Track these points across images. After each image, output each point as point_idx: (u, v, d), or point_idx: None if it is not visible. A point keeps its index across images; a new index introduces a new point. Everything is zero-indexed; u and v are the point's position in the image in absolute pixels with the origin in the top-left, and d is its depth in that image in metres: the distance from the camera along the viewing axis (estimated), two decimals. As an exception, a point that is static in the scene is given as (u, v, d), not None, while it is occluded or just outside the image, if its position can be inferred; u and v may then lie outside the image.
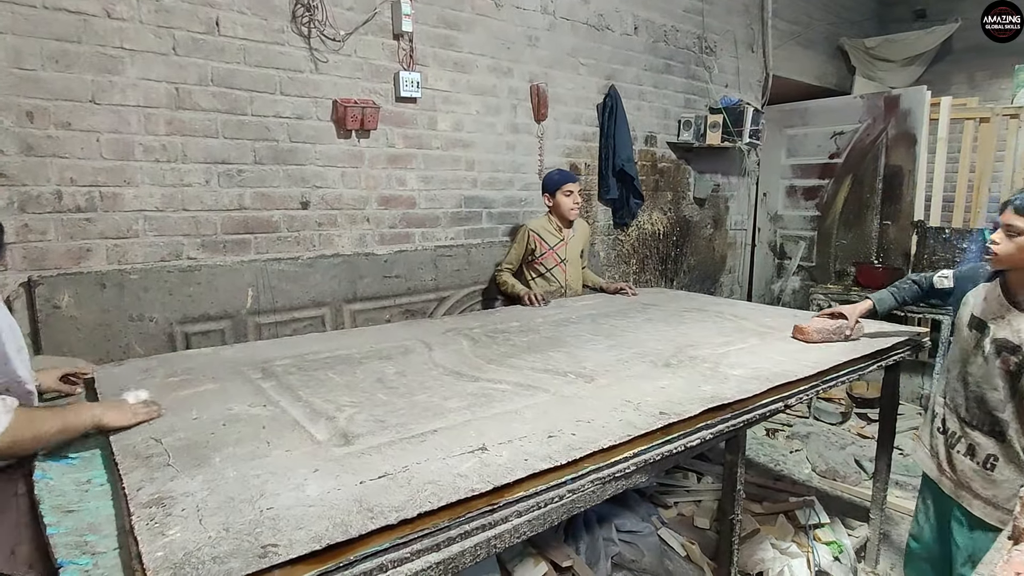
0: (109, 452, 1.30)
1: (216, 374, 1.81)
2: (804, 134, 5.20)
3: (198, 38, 2.45)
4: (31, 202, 2.17)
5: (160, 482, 1.14)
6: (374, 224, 3.05)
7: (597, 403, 1.56)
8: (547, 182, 3.17)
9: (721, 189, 5.07)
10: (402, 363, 1.93)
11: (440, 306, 3.28)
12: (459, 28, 3.23)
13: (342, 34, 2.81)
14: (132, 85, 2.32)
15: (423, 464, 1.21)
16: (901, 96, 4.55)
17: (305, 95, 2.75)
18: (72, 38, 2.19)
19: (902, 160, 4.53)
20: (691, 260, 4.89)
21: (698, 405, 1.53)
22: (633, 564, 1.97)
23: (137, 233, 2.40)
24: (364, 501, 1.06)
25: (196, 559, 0.90)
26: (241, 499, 1.07)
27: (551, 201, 3.14)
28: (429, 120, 3.18)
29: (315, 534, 0.95)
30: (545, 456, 1.24)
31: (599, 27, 3.92)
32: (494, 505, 1.11)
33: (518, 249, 3.14)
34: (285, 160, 2.73)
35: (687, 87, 4.61)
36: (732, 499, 1.74)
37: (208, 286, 2.53)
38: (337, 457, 1.24)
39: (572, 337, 2.27)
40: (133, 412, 1.43)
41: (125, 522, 1.03)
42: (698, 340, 2.22)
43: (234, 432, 1.37)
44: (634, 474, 1.36)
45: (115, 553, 0.98)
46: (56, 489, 1.17)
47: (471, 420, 1.45)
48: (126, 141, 2.34)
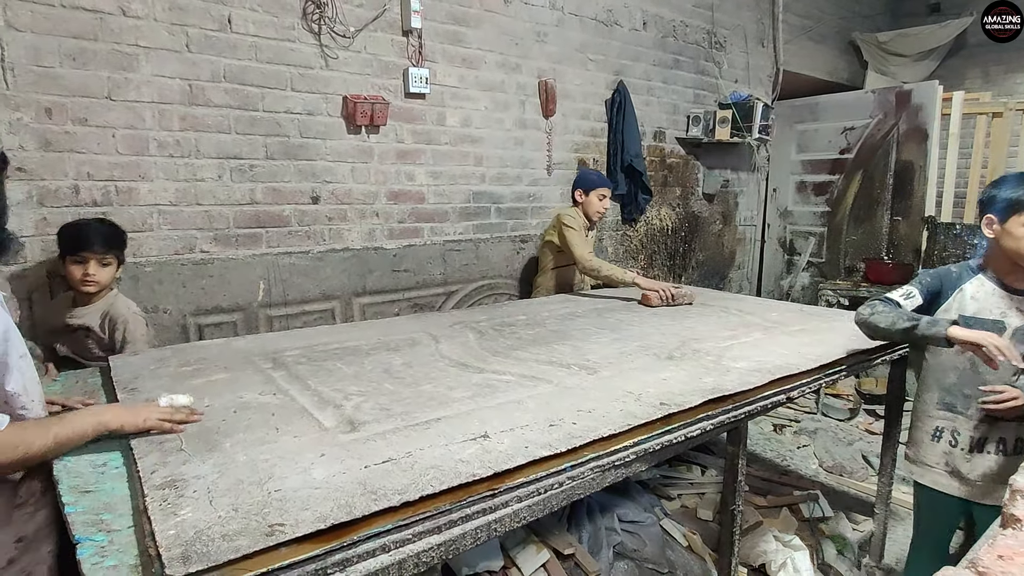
0: (124, 437, 1.34)
1: (228, 364, 1.85)
2: (814, 129, 5.18)
3: (211, 35, 2.49)
4: (49, 196, 2.23)
5: (173, 466, 1.18)
6: (383, 219, 3.09)
7: (599, 394, 1.58)
8: (585, 180, 3.22)
9: (730, 185, 5.06)
10: (409, 355, 1.97)
11: (448, 300, 3.31)
12: (467, 24, 3.26)
13: (352, 31, 2.85)
14: (147, 82, 2.37)
15: (426, 450, 1.24)
16: (913, 91, 4.52)
17: (315, 91, 2.79)
18: (89, 36, 2.24)
19: (913, 155, 4.50)
20: (700, 256, 4.89)
21: (699, 397, 1.55)
22: (635, 553, 1.99)
23: (151, 227, 2.45)
24: (368, 484, 1.09)
25: (206, 536, 0.93)
26: (250, 482, 1.11)
27: (583, 198, 3.18)
28: (438, 116, 3.21)
29: (320, 514, 0.99)
30: (545, 444, 1.27)
31: (607, 23, 3.93)
32: (495, 490, 1.14)
33: (580, 233, 3.09)
34: (296, 155, 2.77)
35: (696, 82, 4.60)
36: (733, 490, 1.76)
37: (221, 279, 2.58)
38: (343, 443, 1.28)
39: (577, 331, 2.30)
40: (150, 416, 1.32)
41: (139, 502, 1.07)
42: (703, 334, 2.24)
43: (244, 419, 1.41)
44: (633, 463, 1.38)
45: (129, 531, 1.02)
46: (73, 471, 1.21)
47: (475, 409, 1.48)
48: (141, 137, 2.39)
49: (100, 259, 2.04)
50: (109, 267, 2.07)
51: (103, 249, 2.04)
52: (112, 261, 2.08)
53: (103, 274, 2.05)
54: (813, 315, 2.64)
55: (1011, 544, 0.80)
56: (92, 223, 2.10)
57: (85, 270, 2.01)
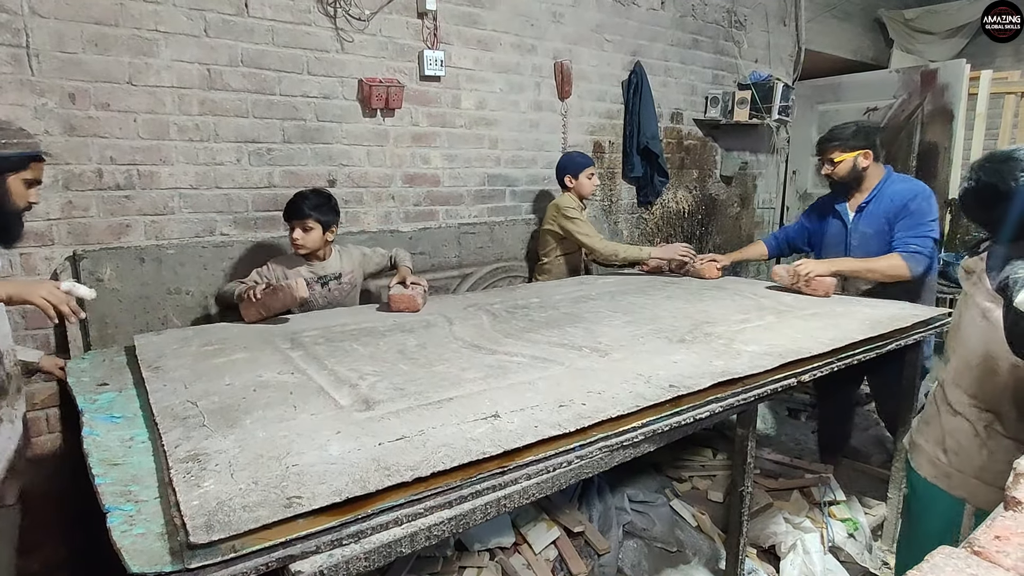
0: (150, 413, 1.40)
1: (248, 344, 1.91)
2: (836, 110, 5.07)
3: (228, 20, 2.52)
4: (74, 180, 2.29)
5: (196, 440, 1.23)
6: (399, 202, 3.12)
7: (609, 376, 1.60)
8: (569, 164, 3.19)
9: (749, 167, 5.00)
10: (423, 336, 2.00)
11: (463, 283, 3.34)
12: (483, 5, 3.24)
13: (367, 13, 2.85)
14: (167, 67, 2.41)
15: (438, 429, 1.27)
16: (939, 70, 4.40)
17: (331, 75, 2.81)
18: (110, 21, 2.28)
19: (938, 137, 4.40)
20: (716, 239, 4.85)
21: (708, 379, 1.56)
22: (644, 532, 2.03)
23: (173, 210, 2.51)
24: (382, 460, 1.13)
25: (228, 507, 0.98)
26: (269, 456, 1.16)
27: (573, 182, 3.16)
28: (453, 98, 3.22)
29: (336, 488, 1.03)
30: (555, 424, 1.30)
31: (625, 2, 3.88)
32: (504, 467, 1.17)
33: (585, 218, 3.15)
34: (312, 139, 2.80)
35: (715, 63, 4.53)
36: (743, 471, 1.78)
37: (240, 261, 2.64)
38: (358, 421, 1.32)
39: (590, 313, 2.32)
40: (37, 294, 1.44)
41: (164, 475, 1.12)
42: (716, 317, 2.24)
43: (264, 397, 1.46)
44: (642, 443, 1.40)
45: (156, 502, 1.07)
46: (102, 445, 1.27)
47: (486, 390, 1.51)
48: (161, 121, 2.43)
49: (302, 224, 2.35)
50: (313, 231, 2.37)
51: (303, 215, 2.35)
52: (314, 226, 2.36)
53: (308, 239, 2.37)
54: (827, 300, 2.63)
55: (1009, 525, 0.81)
56: (303, 193, 2.40)
57: (291, 235, 2.37)
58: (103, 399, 1.55)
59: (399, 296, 2.35)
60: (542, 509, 2.03)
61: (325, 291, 2.52)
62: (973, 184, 1.56)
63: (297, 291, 2.12)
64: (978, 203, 1.58)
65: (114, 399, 1.55)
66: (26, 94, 2.16)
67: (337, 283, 2.53)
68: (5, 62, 2.11)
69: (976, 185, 1.55)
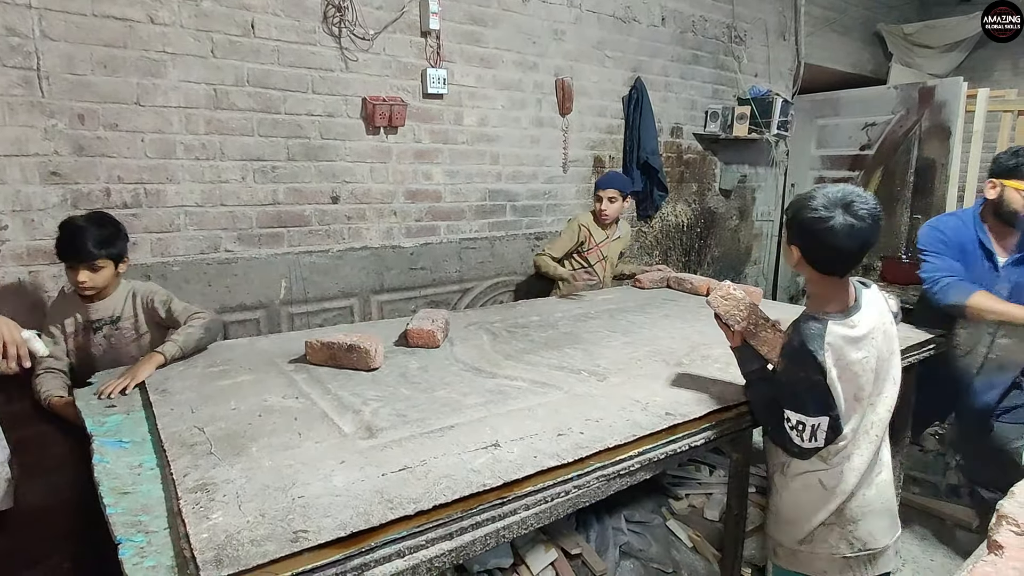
0: (158, 437, 1.43)
1: (252, 365, 1.94)
2: (835, 124, 5.12)
3: (235, 40, 2.56)
4: (83, 199, 2.32)
5: (204, 469, 1.26)
6: (401, 217, 3.16)
7: (607, 402, 1.64)
8: (598, 181, 3.21)
9: (748, 180, 5.04)
10: (425, 358, 2.03)
11: (464, 297, 3.38)
12: (485, 24, 3.28)
13: (371, 33, 2.89)
14: (174, 87, 2.44)
15: (440, 459, 1.31)
16: (936, 87, 4.45)
17: (335, 93, 2.85)
18: (119, 44, 2.31)
19: (935, 153, 4.44)
20: (715, 251, 4.89)
21: (704, 407, 1.60)
22: (641, 553, 2.06)
23: (178, 227, 2.54)
24: (385, 492, 1.16)
25: (236, 541, 1.01)
26: (275, 487, 1.19)
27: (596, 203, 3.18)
28: (455, 116, 3.26)
29: (341, 522, 1.06)
30: (554, 454, 1.33)
31: (625, 19, 3.92)
32: (504, 499, 1.21)
33: (566, 240, 3.15)
34: (316, 156, 2.84)
35: (715, 77, 4.58)
36: (738, 496, 1.81)
37: (244, 278, 2.67)
38: (362, 449, 1.35)
39: (589, 333, 2.35)
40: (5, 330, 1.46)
41: (173, 504, 1.15)
42: (713, 339, 2.26)
43: (269, 423, 1.49)
44: (638, 472, 1.44)
45: (165, 533, 1.10)
46: (112, 472, 1.30)
47: (486, 417, 1.54)
48: (168, 140, 2.47)
49: (89, 266, 1.94)
50: (104, 270, 1.97)
51: (91, 256, 1.92)
52: (105, 264, 1.97)
53: (99, 278, 1.97)
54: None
55: (989, 572, 0.84)
56: (80, 226, 1.93)
57: (76, 277, 1.94)
58: (111, 422, 1.58)
59: (417, 331, 2.16)
60: (540, 531, 2.06)
61: (99, 339, 2.06)
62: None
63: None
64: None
65: (122, 422, 1.57)
66: (36, 115, 2.19)
67: (113, 328, 2.07)
68: (16, 84, 2.15)
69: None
